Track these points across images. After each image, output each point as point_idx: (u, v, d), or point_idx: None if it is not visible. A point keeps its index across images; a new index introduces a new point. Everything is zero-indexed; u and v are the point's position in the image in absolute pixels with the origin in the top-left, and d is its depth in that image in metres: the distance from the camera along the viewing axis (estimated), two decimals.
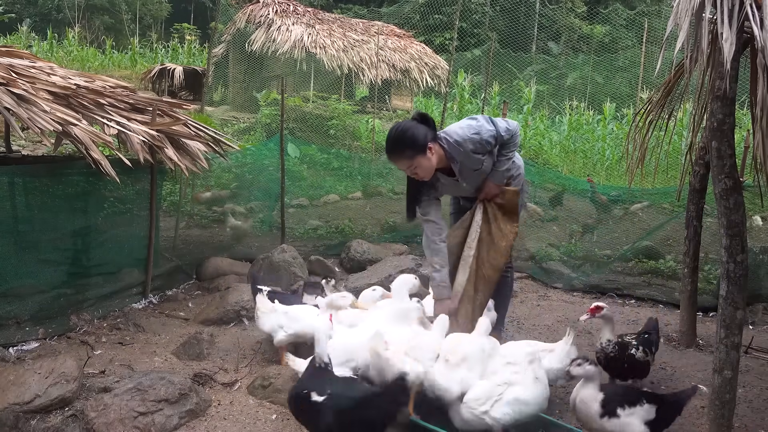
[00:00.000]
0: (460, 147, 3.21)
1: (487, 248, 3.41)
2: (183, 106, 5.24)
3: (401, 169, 3.26)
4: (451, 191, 3.59)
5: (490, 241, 3.40)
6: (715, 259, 5.40)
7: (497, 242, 3.40)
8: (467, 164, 3.28)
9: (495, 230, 3.41)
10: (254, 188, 7.53)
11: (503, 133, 3.25)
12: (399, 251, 6.36)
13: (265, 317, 3.55)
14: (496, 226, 3.41)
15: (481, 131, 3.21)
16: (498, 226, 3.41)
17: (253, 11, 14.41)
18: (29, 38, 21.00)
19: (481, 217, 3.44)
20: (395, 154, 3.20)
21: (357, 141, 11.85)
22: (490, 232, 3.41)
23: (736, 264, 2.51)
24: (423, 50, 15.77)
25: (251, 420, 3.01)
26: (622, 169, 10.68)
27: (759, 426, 3.03)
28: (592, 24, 20.05)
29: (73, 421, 2.80)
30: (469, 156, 3.24)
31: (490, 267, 3.40)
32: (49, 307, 4.07)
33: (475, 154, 3.24)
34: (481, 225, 3.43)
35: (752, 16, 2.23)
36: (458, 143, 3.21)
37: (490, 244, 3.40)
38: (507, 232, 3.42)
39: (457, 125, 3.30)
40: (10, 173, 4.34)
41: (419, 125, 3.19)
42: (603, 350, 3.16)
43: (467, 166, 3.29)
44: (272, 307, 3.57)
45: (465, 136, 3.21)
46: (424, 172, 3.21)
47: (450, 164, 3.26)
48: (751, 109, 3.04)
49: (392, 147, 3.21)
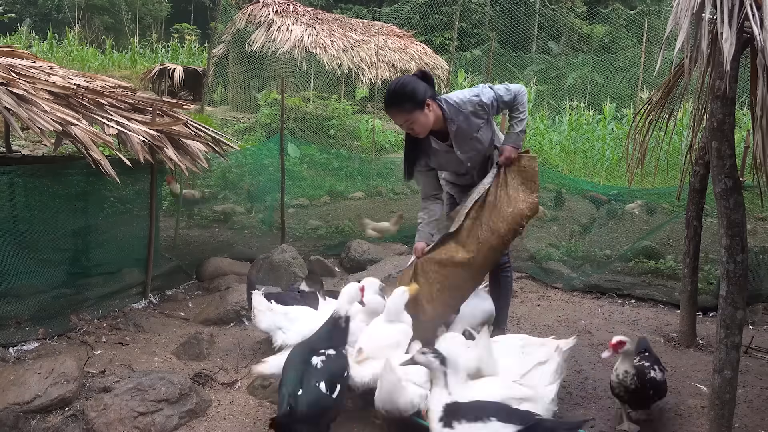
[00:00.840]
0: (459, 108, 3.23)
1: (489, 212, 3.29)
2: (183, 106, 5.24)
3: (398, 123, 3.25)
4: (444, 162, 3.49)
5: (493, 206, 3.29)
6: (715, 259, 5.40)
7: (501, 207, 3.27)
8: (464, 127, 3.27)
9: (502, 195, 3.29)
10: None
11: (503, 94, 3.28)
12: (399, 251, 6.37)
13: (263, 315, 3.53)
14: (505, 191, 3.29)
15: (482, 96, 3.25)
16: (506, 192, 3.29)
17: (253, 11, 14.41)
18: (29, 38, 21.00)
19: (492, 181, 3.34)
20: (394, 107, 3.19)
21: (357, 141, 11.86)
22: (496, 196, 3.30)
23: (736, 264, 2.51)
24: (423, 50, 15.76)
25: (251, 420, 3.01)
26: (622, 169, 10.68)
27: (759, 426, 3.03)
28: (592, 24, 20.04)
29: (73, 421, 2.80)
30: (467, 118, 3.25)
31: (487, 229, 3.27)
32: (49, 307, 4.07)
33: (473, 117, 3.26)
34: (489, 188, 3.33)
35: (752, 16, 2.23)
36: (457, 104, 3.24)
37: (492, 209, 3.28)
38: (517, 200, 3.26)
39: (458, 91, 3.35)
40: (10, 173, 4.35)
41: (419, 81, 3.20)
42: (621, 383, 2.90)
43: (463, 130, 3.28)
44: (269, 306, 3.55)
45: (465, 98, 3.25)
46: (421, 128, 3.21)
47: (446, 126, 3.26)
48: (751, 109, 3.04)
49: (391, 100, 3.19)
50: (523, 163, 3.32)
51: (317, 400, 2.52)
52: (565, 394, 3.30)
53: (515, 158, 3.32)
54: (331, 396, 2.57)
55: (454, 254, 3.31)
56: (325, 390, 2.56)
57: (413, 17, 18.05)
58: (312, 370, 2.63)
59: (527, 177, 3.31)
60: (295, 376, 2.60)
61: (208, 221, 7.13)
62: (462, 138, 3.32)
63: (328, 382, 2.59)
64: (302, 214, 7.93)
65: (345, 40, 14.39)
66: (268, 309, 3.55)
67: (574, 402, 3.24)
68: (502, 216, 3.25)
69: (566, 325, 4.52)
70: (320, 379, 2.58)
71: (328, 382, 2.59)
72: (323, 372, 2.62)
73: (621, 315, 4.87)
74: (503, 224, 3.25)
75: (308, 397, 2.51)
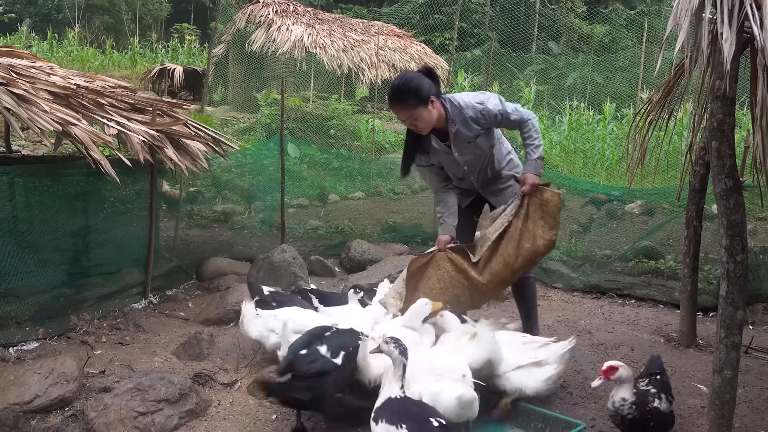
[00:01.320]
0: (462, 111, 3.21)
1: (507, 244, 3.22)
2: (183, 106, 5.25)
3: (401, 118, 3.22)
4: (443, 163, 3.46)
5: (511, 238, 3.21)
6: (715, 259, 5.40)
7: (519, 241, 3.20)
8: (463, 131, 3.24)
9: (522, 228, 3.20)
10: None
11: (510, 112, 3.24)
12: (399, 251, 6.37)
13: (251, 324, 3.47)
14: (525, 224, 3.21)
15: (487, 103, 3.22)
16: (526, 226, 3.20)
17: (253, 11, 14.41)
18: (29, 38, 21.00)
19: (514, 211, 3.25)
20: (398, 102, 3.16)
21: (357, 141, 11.86)
22: (516, 228, 3.22)
23: (736, 264, 2.51)
24: (423, 50, 15.76)
25: (251, 420, 3.01)
26: (622, 169, 10.67)
27: (759, 426, 3.03)
28: (592, 24, 20.03)
29: (73, 421, 2.80)
30: (467, 122, 3.22)
31: (502, 261, 3.21)
32: (49, 307, 4.07)
33: (473, 123, 3.23)
34: (512, 219, 3.24)
35: (752, 16, 2.23)
36: (460, 106, 3.21)
37: (509, 241, 3.21)
38: (535, 236, 3.18)
39: (465, 93, 3.32)
40: (10, 173, 4.34)
41: (424, 77, 3.18)
42: (617, 412, 2.63)
43: (463, 134, 3.25)
44: (255, 313, 3.51)
45: (469, 102, 3.22)
46: (424, 124, 3.18)
47: (447, 126, 3.24)
48: (751, 109, 3.04)
49: (396, 94, 3.16)
50: (546, 197, 3.22)
51: (317, 360, 2.61)
52: (565, 394, 3.30)
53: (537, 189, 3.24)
54: (332, 360, 2.64)
55: (469, 269, 3.27)
56: (327, 353, 2.65)
57: (413, 17, 18.04)
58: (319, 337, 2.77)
59: (548, 212, 3.21)
60: (302, 342, 2.75)
61: (208, 221, 7.12)
62: (460, 141, 3.29)
63: (333, 347, 2.69)
64: (302, 214, 7.93)
65: (345, 40, 14.39)
66: (255, 316, 3.50)
67: (574, 402, 3.24)
68: (518, 251, 3.19)
69: (566, 325, 4.52)
70: (324, 343, 2.70)
71: (333, 347, 2.69)
72: (329, 339, 2.75)
73: (621, 315, 4.87)
74: (518, 259, 3.21)
75: (310, 357, 2.62)
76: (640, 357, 3.92)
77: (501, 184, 3.51)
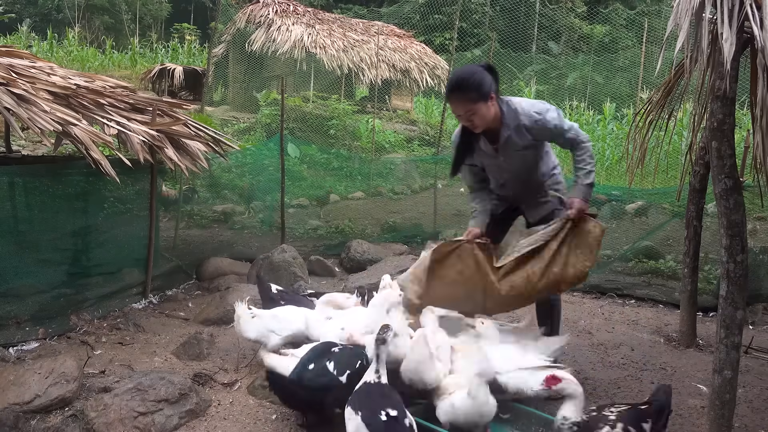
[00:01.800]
0: (517, 116, 3.07)
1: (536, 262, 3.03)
2: (183, 106, 5.25)
3: (457, 113, 3.05)
4: (487, 165, 3.30)
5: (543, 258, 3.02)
6: (715, 259, 5.40)
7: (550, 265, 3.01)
8: (514, 138, 3.09)
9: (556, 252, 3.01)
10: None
11: (567, 129, 3.08)
12: (399, 251, 6.38)
13: (248, 325, 3.44)
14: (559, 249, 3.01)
15: (545, 114, 3.06)
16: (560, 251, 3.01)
17: (253, 11, 14.41)
18: (29, 38, 21.01)
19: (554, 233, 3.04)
20: (458, 94, 2.99)
21: (357, 141, 11.86)
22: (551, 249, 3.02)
23: (736, 264, 2.51)
24: (423, 50, 15.76)
25: (251, 420, 3.01)
26: (622, 169, 10.67)
27: (759, 426, 3.03)
28: (592, 24, 20.04)
29: (73, 421, 2.80)
30: (520, 130, 3.08)
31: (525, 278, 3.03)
32: (49, 307, 4.07)
33: (526, 132, 3.08)
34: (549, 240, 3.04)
35: (752, 16, 2.23)
36: (517, 111, 3.07)
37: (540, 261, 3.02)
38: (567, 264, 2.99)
39: (525, 99, 3.19)
40: (10, 173, 4.34)
41: (487, 72, 3.02)
42: (559, 429, 2.42)
43: (513, 140, 3.10)
44: (251, 313, 3.49)
45: (527, 109, 3.07)
46: (481, 121, 3.02)
47: (499, 129, 3.09)
48: (751, 109, 3.04)
49: (457, 86, 2.99)
50: (588, 227, 3.03)
51: (324, 376, 2.70)
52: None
53: (582, 216, 3.05)
54: (338, 378, 2.71)
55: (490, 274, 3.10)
56: (333, 370, 2.72)
57: (413, 17, 18.06)
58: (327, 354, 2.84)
59: (586, 243, 3.02)
60: (312, 355, 2.84)
61: (208, 221, 7.13)
62: (509, 147, 3.13)
63: (339, 365, 2.75)
64: (302, 214, 7.93)
65: (345, 40, 14.39)
66: (252, 317, 3.47)
67: None
68: (545, 273, 3.02)
69: (566, 325, 4.51)
70: (332, 360, 2.77)
71: (339, 365, 2.75)
72: (337, 356, 2.81)
73: (621, 315, 4.88)
74: (542, 281, 3.03)
75: (317, 371, 2.72)
76: (640, 357, 3.93)
77: (540, 197, 3.35)
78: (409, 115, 15.56)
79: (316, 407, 2.79)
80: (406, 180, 9.63)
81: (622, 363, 3.82)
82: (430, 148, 12.51)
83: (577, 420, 2.36)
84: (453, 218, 7.82)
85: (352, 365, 2.79)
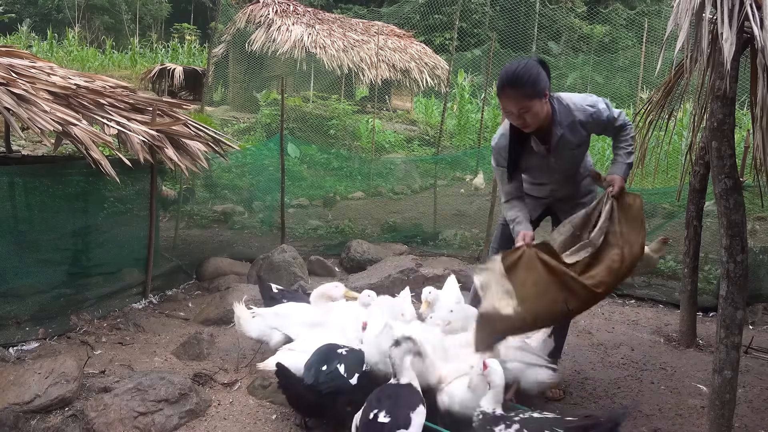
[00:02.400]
0: (571, 112, 2.91)
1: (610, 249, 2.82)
2: (183, 106, 5.25)
3: (508, 109, 2.82)
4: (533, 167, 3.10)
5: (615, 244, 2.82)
6: (715, 259, 5.40)
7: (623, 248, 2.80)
8: (568, 135, 2.93)
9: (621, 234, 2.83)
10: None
11: (617, 116, 2.97)
12: (399, 251, 6.38)
13: (249, 324, 3.45)
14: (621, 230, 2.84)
15: (598, 105, 2.93)
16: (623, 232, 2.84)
17: (253, 11, 14.41)
18: (29, 38, 21.02)
19: (609, 215, 2.85)
20: (512, 89, 2.75)
21: (357, 141, 11.86)
22: (616, 233, 2.85)
23: (736, 264, 2.51)
24: (423, 50, 15.76)
25: (251, 420, 3.01)
26: None
27: (759, 426, 3.03)
28: (592, 24, 20.05)
29: (73, 421, 2.80)
30: (575, 126, 2.92)
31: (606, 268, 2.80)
32: (49, 307, 4.07)
33: (581, 127, 2.94)
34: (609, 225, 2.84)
35: (752, 16, 2.23)
36: (569, 107, 2.91)
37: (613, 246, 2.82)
38: (631, 241, 2.82)
39: (572, 93, 3.02)
40: (10, 173, 4.34)
41: (541, 68, 2.82)
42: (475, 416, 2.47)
43: (567, 138, 2.94)
44: (251, 313, 3.50)
45: (579, 104, 2.92)
46: (534, 119, 2.82)
47: (551, 128, 2.91)
48: (751, 109, 3.04)
49: (512, 81, 2.75)
50: (629, 201, 2.90)
51: (336, 380, 2.72)
52: (565, 395, 3.30)
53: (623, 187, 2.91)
54: (349, 381, 2.73)
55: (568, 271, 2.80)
56: (344, 373, 2.75)
57: (413, 17, 18.06)
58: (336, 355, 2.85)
59: (633, 215, 2.88)
60: (322, 357, 2.84)
61: (208, 221, 7.13)
62: (562, 146, 2.96)
63: (349, 367, 2.77)
64: (302, 214, 7.93)
65: (345, 40, 14.39)
66: (253, 315, 3.48)
67: (574, 402, 3.24)
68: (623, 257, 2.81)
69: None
70: (342, 362, 2.79)
71: (349, 367, 2.77)
72: (345, 358, 2.83)
73: (621, 315, 4.88)
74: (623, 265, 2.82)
75: (330, 374, 2.73)
76: (640, 357, 3.93)
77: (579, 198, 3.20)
78: (409, 115, 15.56)
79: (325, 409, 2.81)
80: (406, 180, 9.63)
81: (622, 363, 3.82)
82: (430, 148, 12.52)
83: (488, 411, 2.40)
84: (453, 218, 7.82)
85: (359, 367, 2.82)
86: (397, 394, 2.49)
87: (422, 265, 5.25)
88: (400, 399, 2.46)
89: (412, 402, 2.45)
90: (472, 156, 9.76)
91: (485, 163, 7.91)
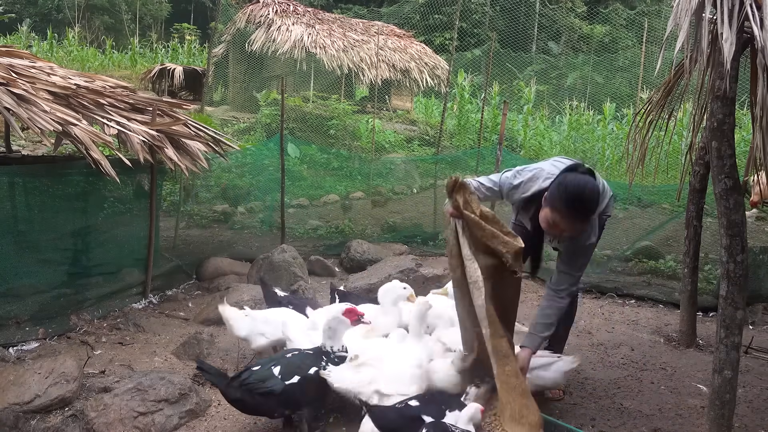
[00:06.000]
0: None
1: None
2: (183, 106, 5.25)
3: (555, 222, 2.60)
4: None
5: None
6: (715, 259, 5.40)
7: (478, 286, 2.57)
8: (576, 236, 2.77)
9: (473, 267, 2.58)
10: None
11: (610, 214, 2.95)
12: (399, 251, 6.37)
13: (240, 323, 3.45)
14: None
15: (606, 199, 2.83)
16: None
17: (253, 11, 14.40)
18: (29, 38, 20.98)
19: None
20: (578, 215, 2.59)
21: (357, 141, 11.86)
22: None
23: (736, 264, 2.51)
24: (423, 50, 15.75)
25: (251, 420, 3.00)
26: (622, 169, 10.68)
27: (759, 426, 3.03)
28: (592, 24, 20.04)
29: (73, 421, 2.80)
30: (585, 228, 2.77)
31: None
32: (49, 307, 4.07)
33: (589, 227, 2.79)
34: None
35: (752, 16, 2.23)
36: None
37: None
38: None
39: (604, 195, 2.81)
40: (10, 173, 4.34)
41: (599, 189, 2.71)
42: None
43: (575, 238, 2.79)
44: (243, 313, 3.51)
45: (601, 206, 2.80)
46: (566, 233, 2.69)
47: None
48: (751, 109, 3.04)
49: (581, 206, 2.59)
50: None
51: (265, 378, 2.70)
52: (565, 394, 3.30)
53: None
54: (282, 381, 2.70)
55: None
56: (278, 374, 2.71)
57: (413, 17, 18.06)
58: (277, 358, 2.86)
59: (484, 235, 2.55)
60: (266, 360, 2.85)
61: (208, 221, 7.13)
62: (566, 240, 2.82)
63: (286, 368, 2.74)
64: (302, 214, 7.93)
65: (345, 40, 14.38)
66: (244, 316, 3.48)
67: (574, 402, 3.24)
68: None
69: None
70: (278, 364, 2.77)
71: (286, 368, 2.74)
72: (285, 360, 2.80)
73: (621, 315, 4.88)
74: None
75: (260, 373, 2.72)
76: (640, 357, 3.93)
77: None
78: (409, 115, 15.55)
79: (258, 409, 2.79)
80: (406, 180, 9.63)
81: (622, 363, 3.82)
82: (430, 148, 12.51)
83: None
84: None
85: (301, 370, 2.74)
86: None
87: (422, 265, 5.24)
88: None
89: None
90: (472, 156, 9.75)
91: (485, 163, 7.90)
